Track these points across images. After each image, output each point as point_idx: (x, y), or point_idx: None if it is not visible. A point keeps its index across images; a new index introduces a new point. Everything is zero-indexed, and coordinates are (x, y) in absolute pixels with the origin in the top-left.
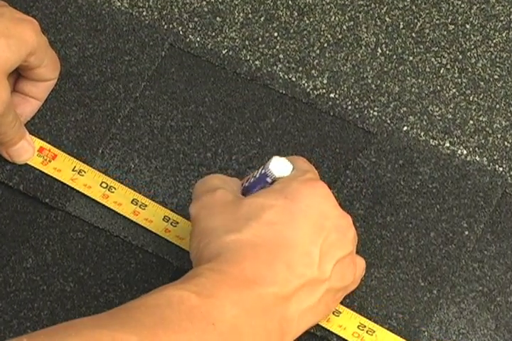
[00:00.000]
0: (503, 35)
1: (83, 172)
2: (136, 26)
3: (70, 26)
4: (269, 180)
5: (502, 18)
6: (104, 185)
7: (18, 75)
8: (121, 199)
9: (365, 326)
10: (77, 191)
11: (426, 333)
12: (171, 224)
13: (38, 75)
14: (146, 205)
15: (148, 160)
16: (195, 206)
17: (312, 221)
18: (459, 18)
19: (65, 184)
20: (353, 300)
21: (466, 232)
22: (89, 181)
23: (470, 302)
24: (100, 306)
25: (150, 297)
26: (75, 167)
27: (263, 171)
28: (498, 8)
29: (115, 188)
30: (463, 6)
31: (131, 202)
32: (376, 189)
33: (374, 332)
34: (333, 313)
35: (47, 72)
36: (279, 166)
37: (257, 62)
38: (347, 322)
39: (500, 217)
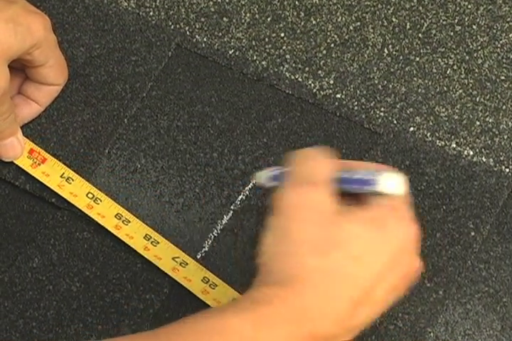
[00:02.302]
0: (510, 36)
1: (71, 180)
2: (143, 26)
3: (77, 26)
4: (369, 188)
5: (509, 19)
6: (90, 195)
7: (25, 78)
8: (105, 211)
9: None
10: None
11: (432, 334)
12: (152, 243)
13: (42, 76)
14: (129, 221)
15: (154, 160)
16: (293, 194)
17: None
18: (466, 19)
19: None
20: None
21: (473, 233)
22: (75, 190)
23: (476, 303)
24: (106, 306)
25: (202, 319)
26: (63, 173)
27: (371, 178)
28: (504, 9)
29: (101, 200)
30: (469, 6)
31: (115, 216)
32: None
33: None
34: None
35: (51, 74)
36: (392, 184)
37: (263, 63)
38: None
39: (507, 218)
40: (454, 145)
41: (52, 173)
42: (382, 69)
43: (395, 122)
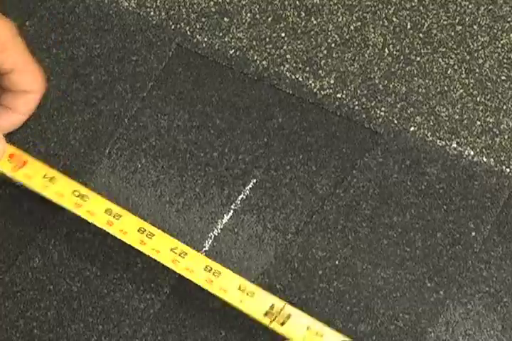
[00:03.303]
0: (511, 36)
1: (55, 180)
2: (144, 26)
3: (78, 26)
4: None
5: (509, 19)
6: (76, 193)
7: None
8: (95, 208)
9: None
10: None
11: (432, 334)
12: (147, 236)
13: (13, 83)
14: (120, 216)
15: (155, 160)
16: None
17: None
18: (467, 19)
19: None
20: (359, 300)
21: (473, 233)
22: (61, 189)
23: (477, 303)
24: (107, 306)
25: None
26: (45, 174)
27: None
28: (505, 9)
29: (88, 197)
30: (470, 6)
31: (105, 212)
32: (383, 189)
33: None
34: None
35: (22, 81)
36: None
37: (264, 63)
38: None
39: (507, 218)
40: (454, 145)
41: (34, 175)
42: (382, 69)
43: (396, 122)
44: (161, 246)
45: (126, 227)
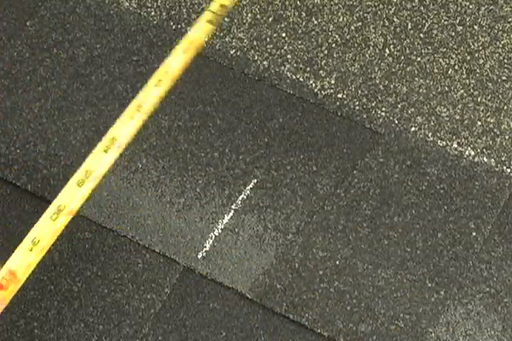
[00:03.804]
0: (511, 36)
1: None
2: (144, 26)
3: (78, 26)
4: None
5: (510, 20)
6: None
7: None
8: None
9: None
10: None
11: (433, 334)
12: None
13: None
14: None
15: (155, 160)
16: None
17: None
18: (467, 19)
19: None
20: (360, 301)
21: (474, 233)
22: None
23: (477, 304)
24: (107, 306)
25: None
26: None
27: None
28: (506, 10)
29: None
30: (471, 7)
31: None
32: (383, 189)
33: None
34: None
35: None
36: None
37: (264, 63)
38: None
39: (508, 218)
40: (455, 146)
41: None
42: (383, 69)
43: (396, 122)
44: None
45: None
